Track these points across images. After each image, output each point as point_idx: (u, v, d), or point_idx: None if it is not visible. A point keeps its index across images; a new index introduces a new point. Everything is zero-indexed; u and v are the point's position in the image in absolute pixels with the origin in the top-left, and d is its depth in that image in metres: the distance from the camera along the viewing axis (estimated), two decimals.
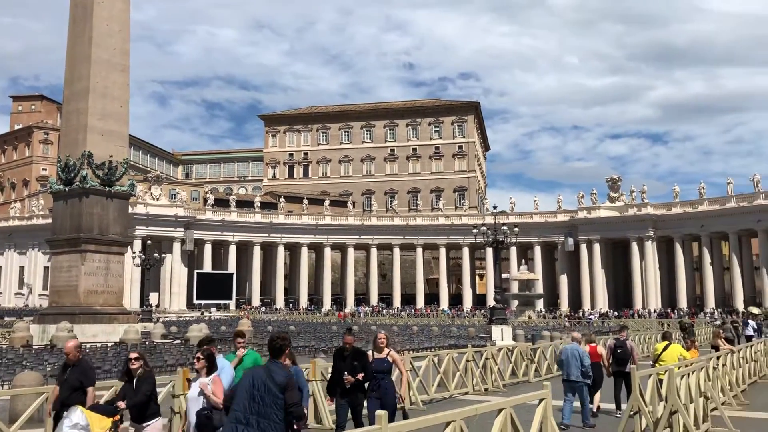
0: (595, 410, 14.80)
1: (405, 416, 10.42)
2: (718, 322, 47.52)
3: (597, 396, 15.17)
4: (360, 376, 10.23)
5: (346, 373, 10.29)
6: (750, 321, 39.07)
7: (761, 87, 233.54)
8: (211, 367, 8.49)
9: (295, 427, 6.66)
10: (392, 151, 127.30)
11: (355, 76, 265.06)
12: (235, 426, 6.43)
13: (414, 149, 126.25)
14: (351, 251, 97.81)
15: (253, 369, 6.98)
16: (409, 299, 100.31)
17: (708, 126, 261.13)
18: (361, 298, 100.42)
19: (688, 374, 12.02)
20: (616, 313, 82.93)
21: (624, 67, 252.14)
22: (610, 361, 15.01)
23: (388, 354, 10.95)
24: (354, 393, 10.38)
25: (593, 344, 15.83)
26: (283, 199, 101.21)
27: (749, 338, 30.69)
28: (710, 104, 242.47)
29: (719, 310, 78.92)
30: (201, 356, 8.53)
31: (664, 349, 14.48)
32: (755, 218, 79.73)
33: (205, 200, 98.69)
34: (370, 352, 10.97)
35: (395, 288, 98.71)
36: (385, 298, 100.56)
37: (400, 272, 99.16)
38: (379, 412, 5.51)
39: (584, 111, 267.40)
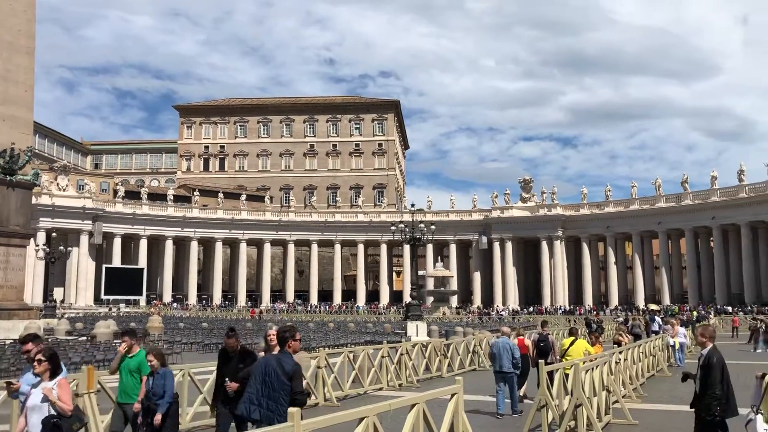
0: (521, 396, 15.45)
1: None
2: (620, 319, 49.83)
3: (524, 385, 16.09)
4: None
5: (228, 379, 8.93)
6: (657, 317, 41.14)
7: (664, 96, 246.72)
8: (56, 370, 7.60)
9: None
10: (312, 146, 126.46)
11: (275, 70, 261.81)
12: (248, 406, 7.56)
13: (334, 145, 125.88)
14: (268, 247, 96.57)
15: (266, 358, 7.99)
16: (326, 296, 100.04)
17: (614, 131, 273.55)
18: (278, 294, 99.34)
19: (593, 369, 12.53)
20: (526, 309, 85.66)
21: (537, 72, 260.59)
22: (535, 353, 16.04)
23: None
24: (238, 400, 8.40)
25: (521, 337, 16.69)
26: (198, 193, 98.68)
27: (656, 333, 32.29)
28: (617, 111, 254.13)
29: (621, 306, 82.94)
30: (43, 358, 7.50)
31: (571, 344, 15.06)
32: (656, 220, 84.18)
33: (116, 192, 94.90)
34: (261, 353, 9.48)
35: (312, 284, 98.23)
36: (302, 294, 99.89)
37: (317, 269, 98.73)
38: (291, 410, 5.45)
39: (499, 113, 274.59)
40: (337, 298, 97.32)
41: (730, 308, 70.55)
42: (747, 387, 18.64)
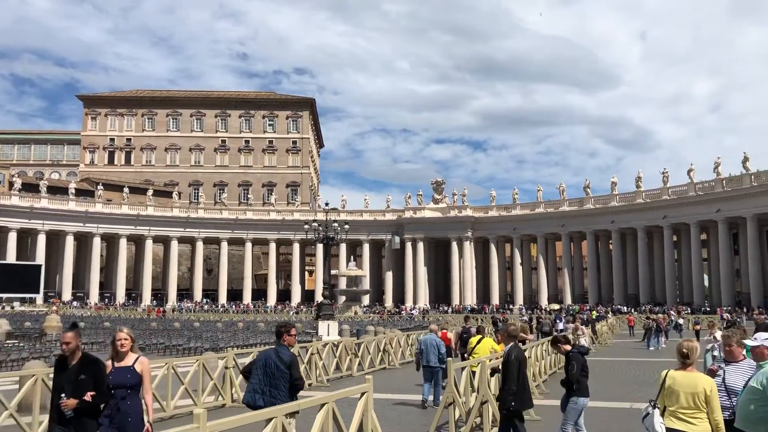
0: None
1: None
2: (525, 318, 51.51)
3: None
4: (89, 395, 6.78)
5: (64, 395, 6.79)
6: (562, 316, 42.91)
7: (569, 104, 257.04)
8: None
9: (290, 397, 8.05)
10: (223, 142, 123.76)
11: (185, 62, 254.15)
12: (253, 395, 8.15)
13: (246, 141, 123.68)
14: (175, 244, 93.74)
15: (265, 351, 8.64)
16: (235, 295, 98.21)
17: (522, 137, 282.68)
18: (185, 293, 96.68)
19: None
20: (436, 308, 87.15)
21: (451, 77, 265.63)
22: (458, 345, 16.58)
23: (135, 362, 7.35)
24: (79, 421, 6.76)
25: (444, 331, 17.30)
26: (102, 187, 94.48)
27: (559, 332, 33.60)
28: (525, 117, 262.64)
29: (525, 306, 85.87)
30: None
31: (478, 342, 15.41)
32: (560, 223, 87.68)
33: (11, 184, 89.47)
34: (109, 362, 7.40)
35: (221, 283, 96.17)
36: (211, 293, 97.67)
37: (227, 267, 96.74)
38: (197, 410, 5.28)
39: (413, 115, 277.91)
40: (247, 297, 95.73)
41: (624, 308, 74.44)
42: (642, 383, 19.69)
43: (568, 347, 10.30)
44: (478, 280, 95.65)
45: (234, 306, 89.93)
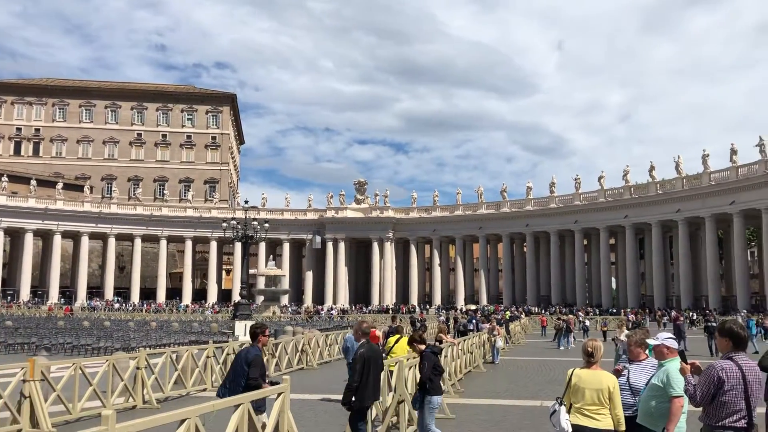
0: None
1: None
2: (442, 318, 52.36)
3: None
4: None
5: None
6: (476, 317, 43.87)
7: (488, 110, 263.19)
8: None
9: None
10: (139, 135, 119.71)
11: (100, 51, 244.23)
12: (222, 388, 9.05)
13: (164, 136, 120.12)
14: (85, 240, 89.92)
15: (241, 349, 9.37)
16: (149, 294, 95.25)
17: (443, 140, 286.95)
18: (95, 291, 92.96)
19: (415, 366, 13.04)
20: (356, 308, 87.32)
21: (374, 78, 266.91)
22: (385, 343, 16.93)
23: None
24: None
25: (374, 329, 17.56)
26: (6, 179, 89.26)
27: (472, 331, 34.34)
28: (446, 120, 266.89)
29: (443, 306, 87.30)
30: None
31: (396, 342, 15.56)
32: (477, 225, 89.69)
33: None
34: None
35: (134, 281, 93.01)
36: (123, 292, 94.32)
37: (140, 265, 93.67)
38: (105, 412, 5.11)
39: (336, 115, 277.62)
40: (161, 296, 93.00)
41: (535, 308, 76.90)
42: (552, 381, 20.38)
43: (423, 347, 10.65)
44: (397, 281, 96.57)
45: (146, 305, 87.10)
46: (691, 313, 60.10)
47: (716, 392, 5.73)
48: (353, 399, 9.12)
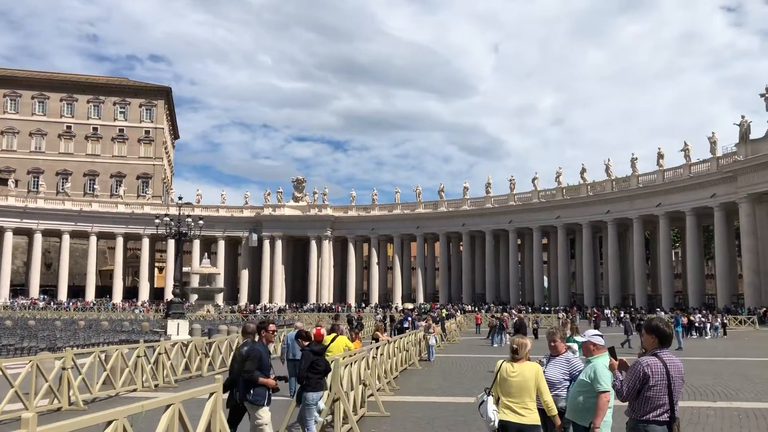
0: None
1: None
2: (379, 316, 52.52)
3: None
4: None
5: None
6: (411, 314, 44.22)
7: (426, 110, 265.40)
8: None
9: (252, 391, 8.94)
10: (69, 128, 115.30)
11: (26, 39, 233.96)
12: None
13: (95, 129, 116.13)
14: (9, 236, 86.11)
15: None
16: (77, 291, 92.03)
17: (381, 139, 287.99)
18: (19, 289, 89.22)
19: (351, 364, 13.03)
20: (293, 307, 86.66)
21: (313, 75, 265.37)
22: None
23: None
24: None
25: (319, 327, 17.52)
26: None
27: (407, 329, 34.56)
28: (384, 120, 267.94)
29: (380, 304, 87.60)
30: None
31: (332, 340, 15.51)
32: (415, 225, 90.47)
33: None
34: None
35: (62, 279, 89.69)
36: (49, 289, 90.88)
37: (68, 262, 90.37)
38: (26, 414, 4.88)
39: (274, 111, 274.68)
40: (91, 294, 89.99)
41: (470, 306, 78.07)
42: (486, 377, 20.72)
43: (306, 343, 10.80)
44: (335, 279, 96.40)
45: (71, 303, 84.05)
46: (619, 311, 62.18)
47: (641, 387, 5.93)
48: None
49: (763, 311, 55.08)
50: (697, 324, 43.88)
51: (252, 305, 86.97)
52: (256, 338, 9.78)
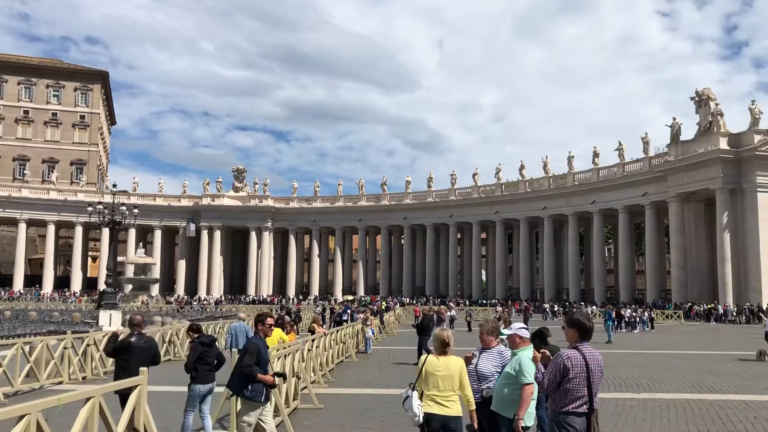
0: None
1: None
2: (319, 309, 52.39)
3: None
4: None
5: None
6: (350, 307, 44.30)
7: (370, 103, 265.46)
8: None
9: (250, 387, 8.68)
10: None
11: None
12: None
13: (26, 112, 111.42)
14: None
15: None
16: (4, 281, 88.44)
17: (325, 131, 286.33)
18: None
19: (285, 356, 12.95)
20: (232, 299, 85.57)
21: (257, 64, 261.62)
22: None
23: None
24: None
25: (271, 317, 18.34)
26: None
27: (346, 321, 34.64)
28: (329, 111, 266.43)
29: (320, 296, 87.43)
30: None
31: None
32: (358, 217, 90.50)
33: None
34: None
35: None
36: None
37: None
38: None
39: (215, 99, 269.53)
40: (19, 283, 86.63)
41: (408, 299, 78.70)
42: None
43: (195, 335, 10.80)
44: (275, 271, 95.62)
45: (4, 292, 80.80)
46: (554, 305, 63.76)
47: (562, 380, 6.08)
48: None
49: (688, 306, 57.43)
50: (627, 318, 45.38)
51: (188, 297, 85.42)
52: (144, 331, 9.59)
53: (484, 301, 76.85)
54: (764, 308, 52.07)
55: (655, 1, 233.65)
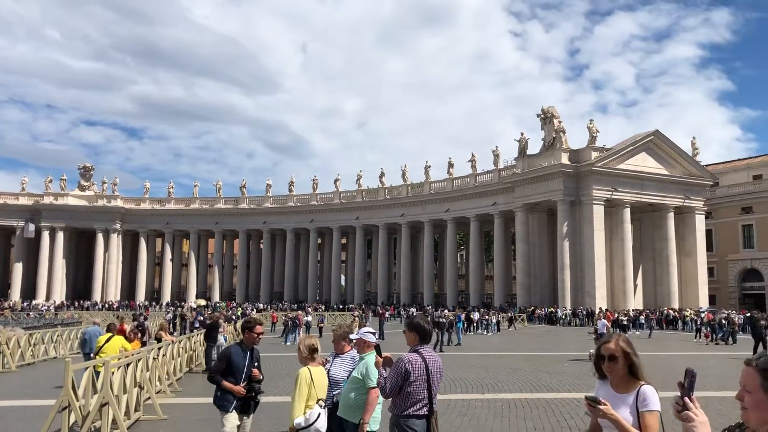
0: None
1: None
2: (169, 316, 50.31)
3: None
4: None
5: None
6: (202, 313, 42.89)
7: (230, 103, 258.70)
8: None
9: (218, 395, 8.14)
10: None
11: None
12: None
13: None
14: None
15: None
16: None
17: (181, 129, 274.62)
18: None
19: (127, 366, 12.24)
20: (74, 304, 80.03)
21: (109, 56, 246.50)
22: None
23: None
24: None
25: (122, 323, 19.26)
26: None
27: (197, 328, 33.50)
28: (185, 110, 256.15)
29: (173, 302, 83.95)
30: None
31: (107, 341, 14.49)
32: (214, 221, 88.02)
33: None
34: None
35: None
36: None
37: None
38: None
39: (60, 91, 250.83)
40: None
41: (264, 305, 77.60)
42: (276, 376, 20.64)
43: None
44: (124, 276, 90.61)
45: None
46: (409, 309, 65.42)
47: (403, 383, 6.17)
48: None
49: (531, 310, 61.17)
50: (475, 322, 47.50)
51: (27, 302, 78.88)
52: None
53: (342, 306, 77.40)
54: (596, 312, 56.59)
55: (507, 21, 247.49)
